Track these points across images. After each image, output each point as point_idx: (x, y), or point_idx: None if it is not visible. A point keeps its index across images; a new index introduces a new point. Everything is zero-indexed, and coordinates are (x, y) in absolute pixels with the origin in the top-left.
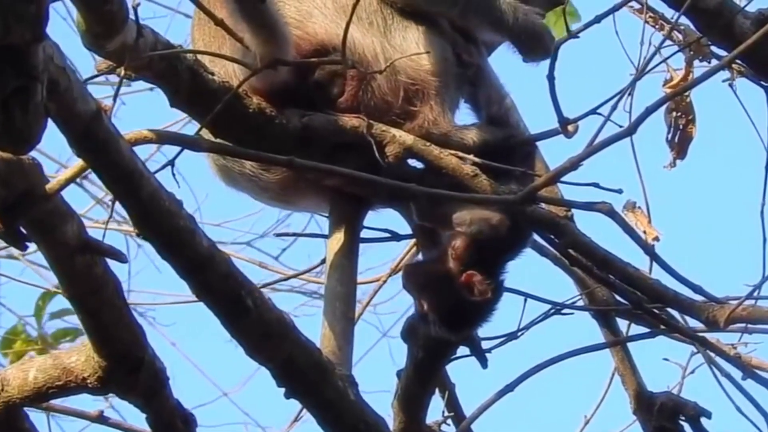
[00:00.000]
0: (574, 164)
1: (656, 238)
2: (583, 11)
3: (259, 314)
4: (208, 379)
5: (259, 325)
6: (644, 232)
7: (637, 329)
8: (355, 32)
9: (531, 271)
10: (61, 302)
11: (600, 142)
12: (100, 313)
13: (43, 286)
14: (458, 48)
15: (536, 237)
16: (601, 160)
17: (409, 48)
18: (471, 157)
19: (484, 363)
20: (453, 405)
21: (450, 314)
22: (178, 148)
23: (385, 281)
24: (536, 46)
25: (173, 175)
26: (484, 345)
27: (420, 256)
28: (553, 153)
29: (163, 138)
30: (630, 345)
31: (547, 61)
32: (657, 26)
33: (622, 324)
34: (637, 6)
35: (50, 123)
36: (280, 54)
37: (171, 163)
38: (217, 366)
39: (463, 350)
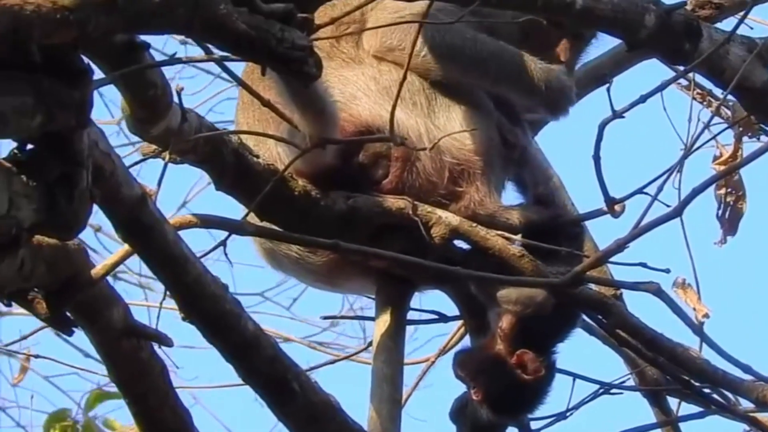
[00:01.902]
0: (620, 246)
1: (706, 315)
2: (630, 88)
3: (306, 397)
4: None
5: (306, 408)
6: (694, 309)
7: (688, 408)
8: (400, 113)
9: (580, 350)
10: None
11: (647, 224)
12: (146, 398)
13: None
14: (503, 129)
15: (585, 317)
16: (650, 238)
17: (453, 128)
18: (517, 237)
19: None
20: None
21: (503, 398)
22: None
23: (433, 362)
24: (562, 102)
25: (225, 255)
26: (533, 426)
27: (469, 340)
28: (600, 232)
29: (207, 222)
30: (681, 424)
31: (593, 140)
32: (705, 103)
33: (672, 403)
34: (684, 83)
35: None
36: (329, 134)
37: (223, 244)
38: None
39: (511, 431)
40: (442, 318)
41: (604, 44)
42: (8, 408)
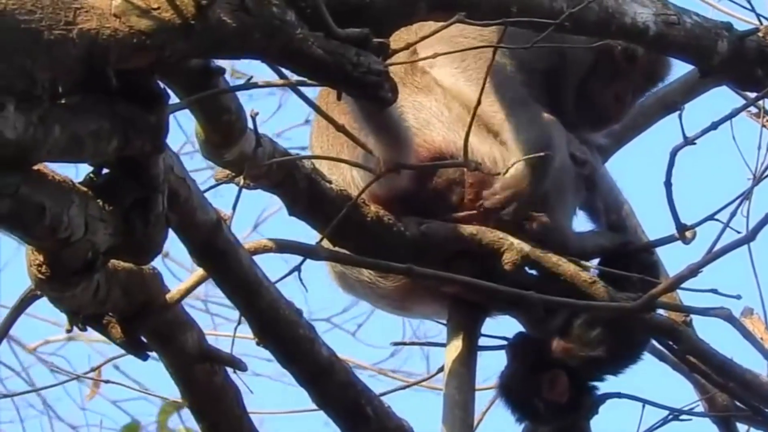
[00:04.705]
0: (693, 271)
1: None
2: (697, 115)
3: (380, 423)
4: None
5: None
6: (761, 339)
7: None
8: (473, 138)
9: (650, 376)
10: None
11: (719, 249)
12: (219, 423)
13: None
14: (572, 146)
15: (655, 342)
16: (719, 264)
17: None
18: (589, 264)
19: None
20: None
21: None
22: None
23: None
24: None
25: (300, 280)
26: None
27: None
28: (670, 258)
29: (282, 247)
30: None
31: (662, 167)
32: None
33: (742, 429)
34: (754, 110)
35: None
36: (403, 159)
37: (298, 269)
38: None
39: None
40: None
41: (674, 71)
42: (79, 427)
